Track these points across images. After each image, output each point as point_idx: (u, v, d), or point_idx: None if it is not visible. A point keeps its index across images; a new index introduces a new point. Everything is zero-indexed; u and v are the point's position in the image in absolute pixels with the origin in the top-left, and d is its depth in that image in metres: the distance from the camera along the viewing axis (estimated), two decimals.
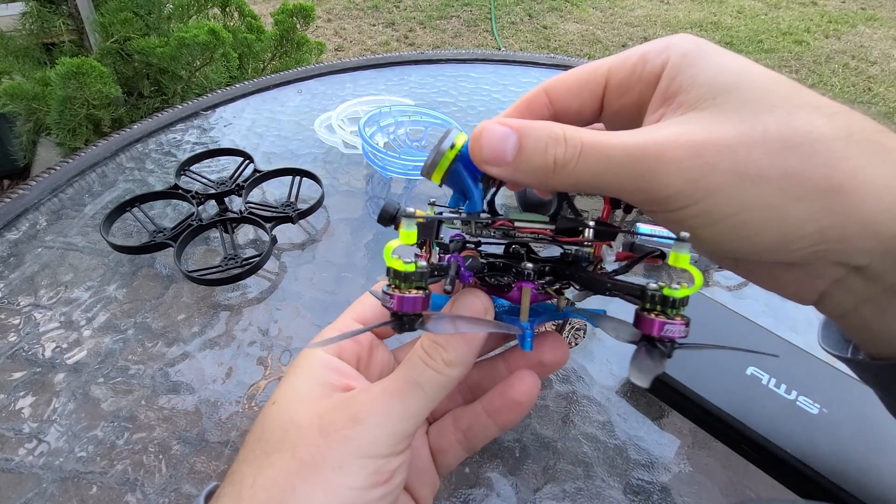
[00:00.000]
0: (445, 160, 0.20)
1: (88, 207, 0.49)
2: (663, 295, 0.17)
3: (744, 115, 0.16)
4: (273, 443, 0.20)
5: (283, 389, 0.22)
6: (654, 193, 0.17)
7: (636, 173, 0.17)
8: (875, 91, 2.47)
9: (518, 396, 0.23)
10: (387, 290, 0.17)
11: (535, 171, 0.18)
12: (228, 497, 0.19)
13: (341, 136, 0.56)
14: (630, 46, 1.60)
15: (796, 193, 0.16)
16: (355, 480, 0.18)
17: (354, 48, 2.73)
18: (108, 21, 1.26)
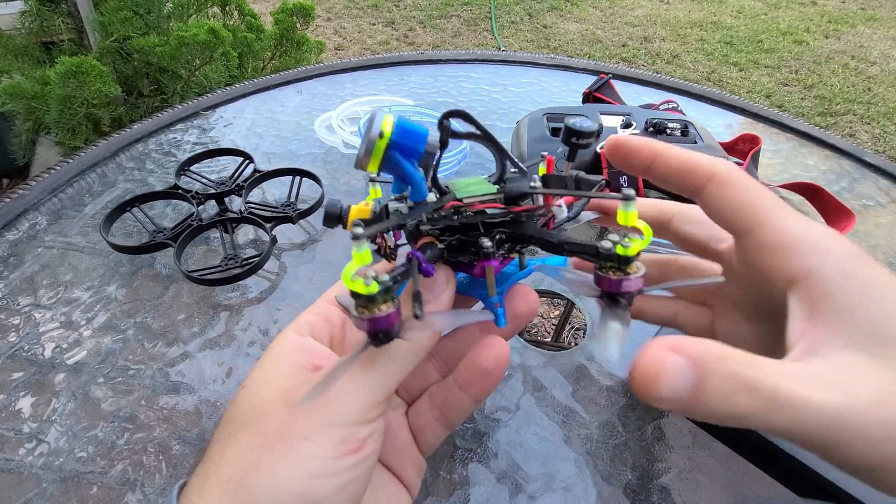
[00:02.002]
0: (378, 151, 0.19)
1: (88, 207, 0.49)
2: (617, 254, 0.17)
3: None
4: (241, 422, 0.19)
5: (255, 373, 0.22)
6: (843, 460, 0.16)
7: (828, 441, 0.16)
8: (875, 91, 2.47)
9: (486, 364, 0.22)
10: (355, 315, 0.17)
11: (715, 416, 0.16)
12: (197, 476, 0.19)
13: (341, 136, 0.56)
14: (630, 46, 1.61)
15: None
16: (323, 450, 0.18)
17: (354, 47, 2.73)
18: (107, 20, 1.26)
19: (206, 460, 0.19)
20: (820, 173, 0.60)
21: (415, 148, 0.19)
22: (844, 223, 0.49)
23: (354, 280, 0.16)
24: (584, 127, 0.22)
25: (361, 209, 0.22)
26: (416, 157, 0.19)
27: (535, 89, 0.73)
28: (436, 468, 0.30)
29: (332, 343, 0.23)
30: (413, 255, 0.19)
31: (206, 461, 0.19)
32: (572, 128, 0.22)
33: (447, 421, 0.24)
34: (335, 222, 0.22)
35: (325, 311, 0.24)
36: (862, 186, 0.58)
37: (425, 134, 0.19)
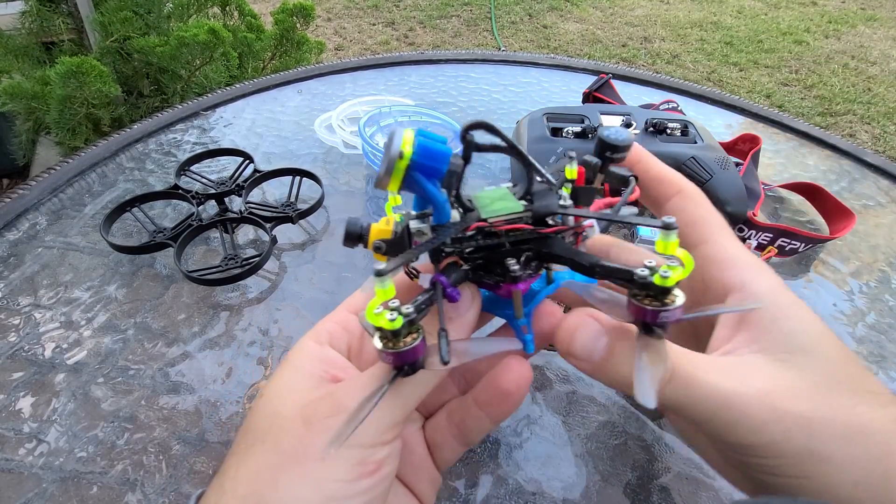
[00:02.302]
0: (398, 171, 0.18)
1: (88, 207, 0.49)
2: (653, 283, 0.16)
3: (819, 388, 0.18)
4: (257, 435, 0.19)
5: (272, 383, 0.21)
6: (730, 438, 0.18)
7: (719, 418, 0.18)
8: (875, 91, 2.47)
9: (507, 386, 0.22)
10: (380, 347, 0.17)
11: (619, 379, 0.19)
12: (212, 489, 0.19)
13: (341, 136, 0.56)
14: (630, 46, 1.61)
15: (854, 478, 0.17)
16: (339, 472, 0.18)
17: (354, 47, 2.73)
18: (107, 20, 1.26)
19: (222, 473, 0.19)
20: (820, 173, 0.60)
21: (437, 168, 0.18)
22: (844, 223, 0.49)
23: (378, 315, 0.16)
24: (619, 140, 0.21)
25: (382, 229, 0.20)
26: (438, 177, 0.18)
27: (535, 89, 0.73)
28: None
29: (351, 353, 0.23)
30: (437, 281, 0.19)
31: (222, 474, 0.19)
32: (606, 140, 0.21)
33: (465, 439, 0.24)
34: (355, 242, 0.21)
35: (344, 320, 0.24)
36: (862, 186, 0.58)
37: (448, 153, 0.18)
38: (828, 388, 0.18)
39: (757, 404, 0.18)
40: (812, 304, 0.43)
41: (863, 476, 0.17)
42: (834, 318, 0.42)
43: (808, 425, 0.18)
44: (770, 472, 0.18)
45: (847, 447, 0.18)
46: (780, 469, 0.18)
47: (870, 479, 0.17)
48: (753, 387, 0.18)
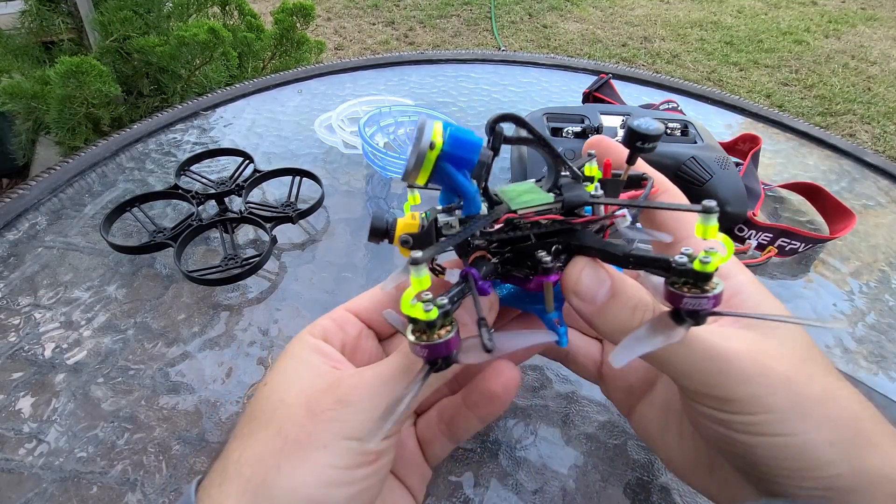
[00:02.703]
0: (429, 163, 0.18)
1: (88, 207, 0.49)
2: (692, 269, 0.16)
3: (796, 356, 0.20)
4: (261, 421, 0.20)
5: (275, 373, 0.22)
6: (717, 392, 0.19)
7: (708, 369, 0.19)
8: (875, 91, 2.47)
9: (495, 388, 0.22)
10: (412, 340, 0.17)
11: (617, 323, 0.19)
12: (215, 472, 0.19)
13: (341, 136, 0.56)
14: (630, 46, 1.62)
15: (830, 437, 0.18)
16: (340, 460, 0.19)
17: (354, 47, 2.73)
18: (107, 20, 1.26)
19: (225, 457, 0.20)
20: (820, 173, 0.60)
21: (468, 159, 0.18)
22: (844, 223, 0.49)
23: (414, 306, 0.16)
24: (650, 129, 0.21)
25: (409, 223, 0.20)
26: (468, 167, 0.18)
27: (535, 89, 0.73)
28: (436, 468, 0.30)
29: (344, 351, 0.23)
30: (469, 273, 0.18)
31: (225, 457, 0.20)
32: (637, 130, 0.21)
33: (454, 436, 0.25)
34: (381, 237, 0.21)
35: (341, 318, 0.24)
36: (862, 186, 0.58)
37: (479, 143, 0.18)
38: (802, 358, 0.20)
39: (745, 358, 0.19)
40: (812, 303, 0.43)
41: (837, 437, 0.18)
42: (834, 319, 0.42)
43: (790, 383, 0.19)
44: (755, 430, 0.19)
45: (823, 407, 0.19)
46: (766, 426, 0.18)
47: (842, 440, 0.18)
48: (741, 345, 0.19)
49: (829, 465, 0.18)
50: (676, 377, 0.20)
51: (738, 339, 0.19)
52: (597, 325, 0.20)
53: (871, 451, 0.18)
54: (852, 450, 0.18)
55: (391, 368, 0.20)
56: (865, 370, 0.38)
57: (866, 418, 0.19)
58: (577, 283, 0.19)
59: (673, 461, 0.25)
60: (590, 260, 0.20)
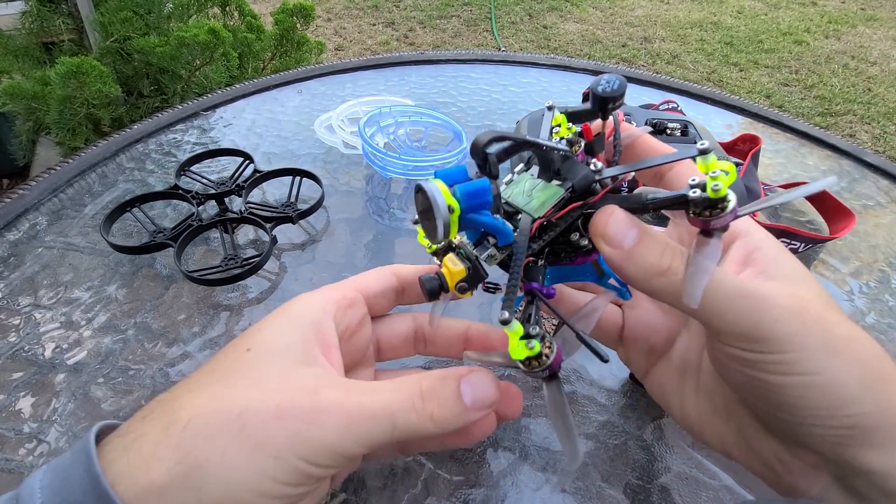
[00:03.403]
0: (454, 224, 0.19)
1: (88, 207, 0.49)
2: (709, 198, 0.17)
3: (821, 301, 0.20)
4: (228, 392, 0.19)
5: (264, 335, 0.21)
6: (751, 331, 0.19)
7: (742, 308, 0.19)
8: (875, 91, 2.47)
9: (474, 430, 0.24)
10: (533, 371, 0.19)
11: (645, 266, 0.20)
12: (154, 424, 0.18)
13: (341, 137, 0.56)
14: (630, 46, 1.62)
15: (858, 377, 0.18)
16: (284, 475, 0.18)
17: (354, 48, 2.73)
18: (107, 20, 1.26)
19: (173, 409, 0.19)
20: (820, 173, 0.60)
21: (484, 202, 0.19)
22: (844, 223, 0.49)
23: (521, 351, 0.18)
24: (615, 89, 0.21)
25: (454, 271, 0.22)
26: (487, 207, 0.19)
27: (535, 89, 0.73)
28: (436, 468, 0.30)
29: (343, 337, 0.23)
30: (531, 288, 0.21)
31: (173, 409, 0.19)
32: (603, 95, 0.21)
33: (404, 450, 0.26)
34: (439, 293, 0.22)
35: (353, 300, 0.24)
36: (862, 186, 0.58)
37: (487, 184, 0.19)
38: (828, 305, 0.20)
39: (780, 296, 0.19)
40: None
41: (865, 376, 0.18)
42: None
43: (822, 321, 0.19)
44: (786, 370, 0.19)
45: (851, 347, 0.19)
46: (796, 365, 0.18)
47: (870, 380, 0.18)
48: (774, 286, 0.20)
49: (856, 402, 0.18)
50: (710, 319, 0.19)
51: (770, 282, 0.20)
52: (626, 269, 0.20)
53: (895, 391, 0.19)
54: (878, 388, 0.18)
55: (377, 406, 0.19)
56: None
57: (889, 361, 0.19)
58: (606, 228, 0.20)
59: (688, 417, 0.25)
60: (616, 207, 0.20)
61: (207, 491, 0.17)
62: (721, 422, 0.24)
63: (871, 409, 0.18)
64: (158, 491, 0.17)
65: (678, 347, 0.26)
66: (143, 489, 0.17)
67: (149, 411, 0.19)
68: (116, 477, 0.17)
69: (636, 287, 0.21)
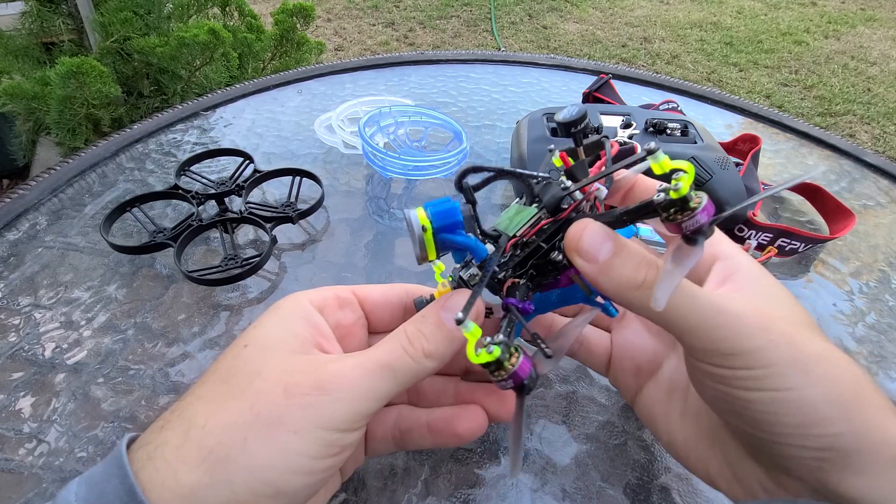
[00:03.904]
0: (429, 242, 0.21)
1: (88, 207, 0.49)
2: (671, 199, 0.17)
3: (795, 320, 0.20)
4: (235, 389, 0.19)
5: (258, 332, 0.22)
6: (720, 346, 0.19)
7: (713, 324, 0.19)
8: (875, 91, 2.47)
9: (461, 431, 0.24)
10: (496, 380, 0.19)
11: (620, 280, 0.19)
12: (174, 432, 0.19)
13: (341, 137, 0.56)
14: (630, 46, 1.62)
15: (829, 394, 0.18)
16: (308, 448, 0.18)
17: (354, 48, 2.73)
18: (107, 20, 1.26)
19: (188, 416, 0.19)
20: (820, 173, 0.60)
21: (455, 222, 0.21)
22: (844, 223, 0.49)
23: (479, 355, 0.19)
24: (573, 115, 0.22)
25: (443, 292, 0.24)
26: (460, 227, 0.21)
27: (535, 89, 0.73)
28: (436, 468, 0.30)
29: (335, 331, 0.23)
30: (508, 304, 0.21)
31: (188, 417, 0.19)
32: (563, 122, 0.23)
33: (402, 444, 0.26)
34: None
35: (346, 299, 0.25)
36: (862, 186, 0.58)
37: (455, 206, 0.21)
38: (802, 324, 0.20)
39: (749, 313, 0.19)
40: (812, 303, 0.43)
41: (836, 394, 0.18)
42: (834, 318, 0.42)
43: (792, 339, 0.19)
44: (755, 385, 0.19)
45: (823, 365, 0.19)
46: (765, 381, 0.18)
47: (841, 398, 0.18)
48: (746, 303, 0.20)
49: (829, 422, 0.18)
50: (683, 334, 0.20)
51: (743, 300, 0.20)
52: (601, 283, 0.20)
53: (873, 414, 0.18)
54: (853, 409, 0.18)
55: (372, 362, 0.20)
56: (865, 370, 0.38)
57: (866, 383, 0.19)
58: (579, 242, 0.20)
59: (675, 441, 0.25)
60: (591, 220, 0.20)
61: (238, 480, 0.17)
62: (706, 447, 0.24)
63: (844, 429, 0.18)
64: (190, 493, 0.17)
65: (666, 370, 0.26)
66: (175, 494, 0.17)
67: (165, 421, 0.20)
68: (146, 485, 0.17)
69: (613, 300, 0.22)
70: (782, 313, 0.20)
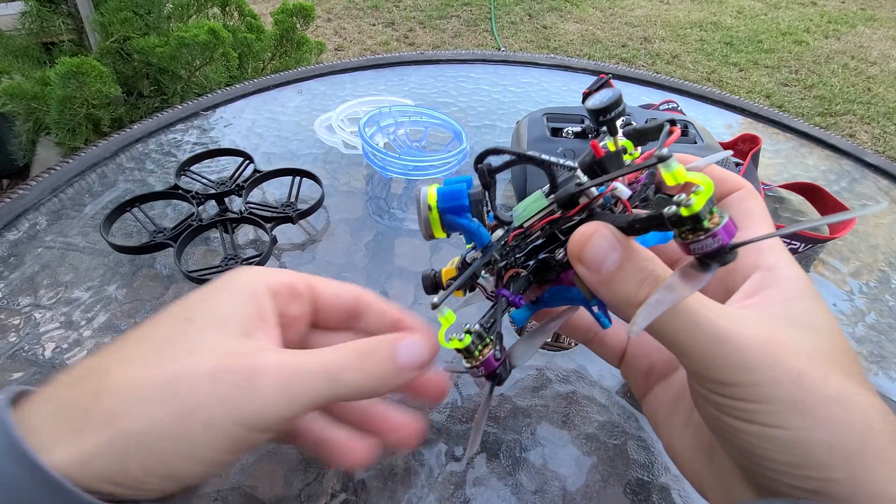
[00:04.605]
0: (434, 222, 0.20)
1: (88, 207, 0.49)
2: (682, 216, 0.15)
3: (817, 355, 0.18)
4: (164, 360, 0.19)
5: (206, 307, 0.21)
6: (716, 375, 0.18)
7: (712, 352, 0.18)
8: (875, 91, 2.47)
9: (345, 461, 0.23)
10: (468, 367, 0.19)
11: (621, 295, 0.18)
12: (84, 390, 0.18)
13: (341, 137, 0.56)
14: (630, 46, 1.62)
15: (830, 440, 0.17)
16: (217, 442, 0.18)
17: (354, 48, 2.73)
18: (107, 20, 1.26)
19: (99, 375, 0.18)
20: (820, 173, 0.60)
21: (460, 205, 0.20)
22: (844, 223, 0.49)
23: (450, 341, 0.19)
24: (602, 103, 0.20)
25: (449, 270, 0.24)
26: (465, 211, 0.21)
27: (535, 89, 0.73)
28: (436, 468, 0.30)
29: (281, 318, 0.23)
30: (499, 294, 0.21)
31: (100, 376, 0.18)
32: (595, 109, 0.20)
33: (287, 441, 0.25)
34: (433, 288, 0.24)
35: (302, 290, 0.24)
36: (862, 186, 0.58)
37: (463, 189, 0.20)
38: (825, 359, 0.18)
39: (755, 346, 0.18)
40: None
41: (839, 440, 0.17)
42: None
43: (799, 378, 0.17)
44: (750, 418, 0.18)
45: (830, 408, 0.17)
46: (760, 416, 0.18)
47: (846, 446, 0.17)
48: (755, 332, 0.18)
49: (823, 467, 0.17)
50: (680, 356, 0.19)
51: (757, 326, 0.18)
52: (601, 294, 0.19)
53: (880, 466, 0.17)
54: (856, 458, 0.17)
55: (316, 366, 0.19)
56: (865, 370, 0.38)
57: (883, 431, 0.18)
58: (584, 250, 0.18)
59: (674, 447, 0.25)
60: (603, 225, 0.18)
61: (134, 457, 0.17)
62: (703, 461, 0.23)
63: (841, 476, 0.17)
64: (81, 458, 0.17)
65: (679, 375, 0.26)
66: (72, 457, 0.17)
67: (77, 378, 0.19)
68: (45, 444, 0.17)
69: (611, 311, 0.21)
70: (802, 345, 0.18)
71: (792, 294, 0.20)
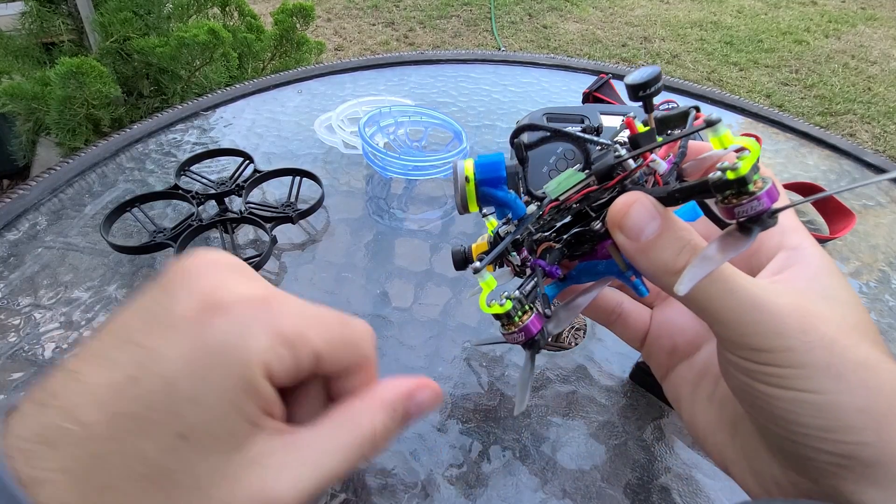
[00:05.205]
0: (471, 194, 0.21)
1: (88, 207, 0.49)
2: (728, 180, 0.15)
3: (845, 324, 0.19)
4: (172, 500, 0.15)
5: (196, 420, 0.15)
6: (750, 341, 0.18)
7: (748, 318, 0.18)
8: (875, 91, 2.47)
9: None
10: (506, 333, 0.20)
11: (659, 263, 0.19)
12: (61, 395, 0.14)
13: (341, 137, 0.56)
14: (630, 46, 1.61)
15: (861, 403, 0.18)
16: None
17: (354, 48, 2.73)
18: (107, 21, 1.26)
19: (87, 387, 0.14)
20: (820, 173, 0.60)
21: (498, 177, 0.21)
22: (844, 223, 0.49)
23: (491, 305, 0.19)
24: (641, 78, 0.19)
25: (480, 245, 0.24)
26: (503, 182, 0.21)
27: (535, 89, 0.73)
28: (436, 468, 0.30)
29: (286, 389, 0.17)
30: (535, 264, 0.22)
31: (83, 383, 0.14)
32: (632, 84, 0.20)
33: None
34: (464, 263, 0.24)
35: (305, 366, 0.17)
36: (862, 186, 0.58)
37: (501, 161, 0.21)
38: (853, 328, 0.19)
39: (789, 312, 0.18)
40: None
41: (869, 404, 0.18)
42: None
43: (831, 344, 0.18)
44: (780, 384, 0.18)
45: (862, 374, 0.18)
46: (793, 381, 0.18)
47: (875, 409, 0.18)
48: (788, 300, 0.19)
49: (853, 430, 0.17)
50: (715, 323, 0.19)
51: (789, 296, 0.19)
52: (639, 262, 0.19)
53: None
54: (885, 422, 0.17)
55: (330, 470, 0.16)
56: None
57: None
58: (625, 218, 0.19)
59: (697, 423, 0.25)
60: (642, 194, 0.19)
61: None
62: (726, 435, 0.23)
63: (871, 439, 0.17)
64: None
65: (703, 353, 0.26)
66: None
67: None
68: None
69: (649, 280, 0.21)
70: (832, 316, 0.19)
71: (818, 271, 0.20)
